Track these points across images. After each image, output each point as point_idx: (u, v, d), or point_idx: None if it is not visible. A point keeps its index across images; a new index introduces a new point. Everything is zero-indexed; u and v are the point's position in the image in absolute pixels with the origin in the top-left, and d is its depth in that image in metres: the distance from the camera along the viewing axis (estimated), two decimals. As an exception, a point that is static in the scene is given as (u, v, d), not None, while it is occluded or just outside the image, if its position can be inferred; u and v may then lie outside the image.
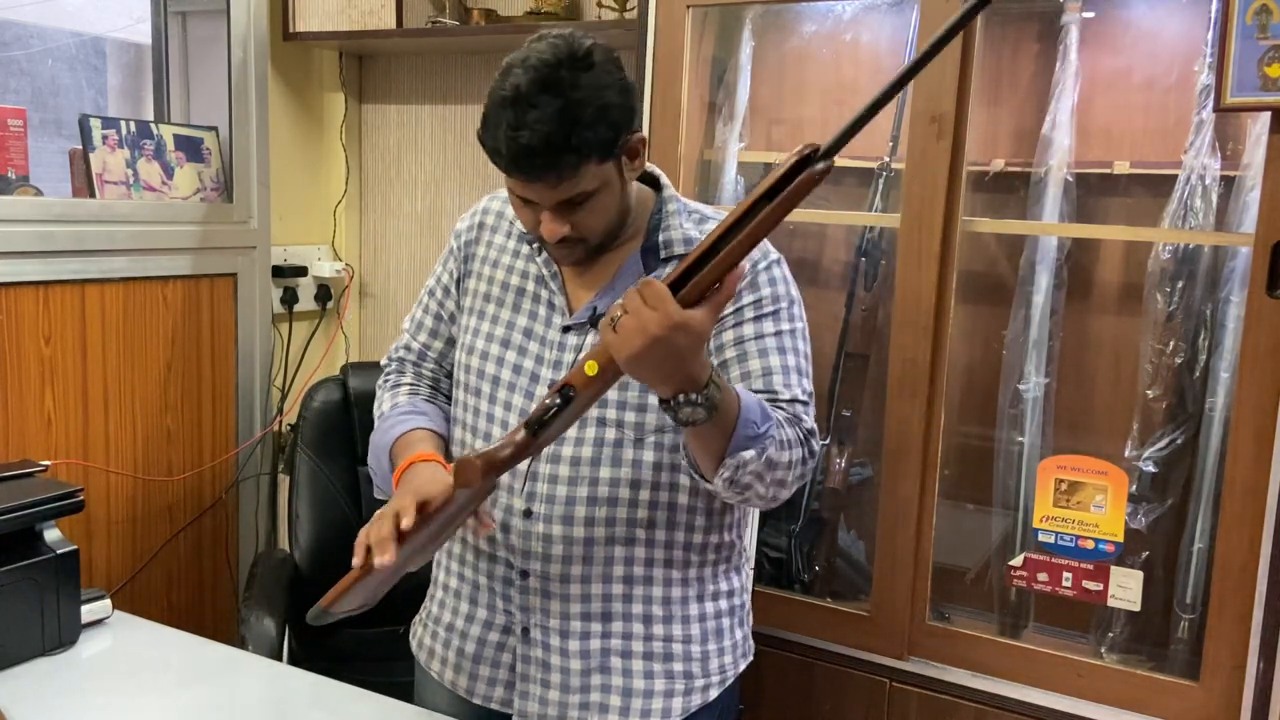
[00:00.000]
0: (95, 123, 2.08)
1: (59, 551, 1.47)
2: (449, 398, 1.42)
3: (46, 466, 1.62)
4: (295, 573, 2.03)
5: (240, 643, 1.73)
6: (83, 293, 1.98)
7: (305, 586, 2.02)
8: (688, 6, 2.00)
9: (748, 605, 1.43)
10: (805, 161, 0.95)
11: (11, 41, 2.24)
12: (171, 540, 2.21)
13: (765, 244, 1.28)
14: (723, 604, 1.37)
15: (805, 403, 1.24)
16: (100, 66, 2.44)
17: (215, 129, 2.32)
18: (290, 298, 2.52)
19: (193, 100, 2.50)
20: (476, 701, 1.37)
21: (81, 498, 1.53)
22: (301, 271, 2.55)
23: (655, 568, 1.31)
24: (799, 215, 2.28)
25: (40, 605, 1.44)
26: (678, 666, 1.32)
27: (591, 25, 2.22)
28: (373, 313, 2.75)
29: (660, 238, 1.30)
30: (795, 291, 1.31)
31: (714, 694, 1.35)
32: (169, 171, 2.21)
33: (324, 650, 2.05)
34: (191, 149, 2.26)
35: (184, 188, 2.24)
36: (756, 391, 1.21)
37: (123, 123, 2.14)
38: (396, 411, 1.38)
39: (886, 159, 2.18)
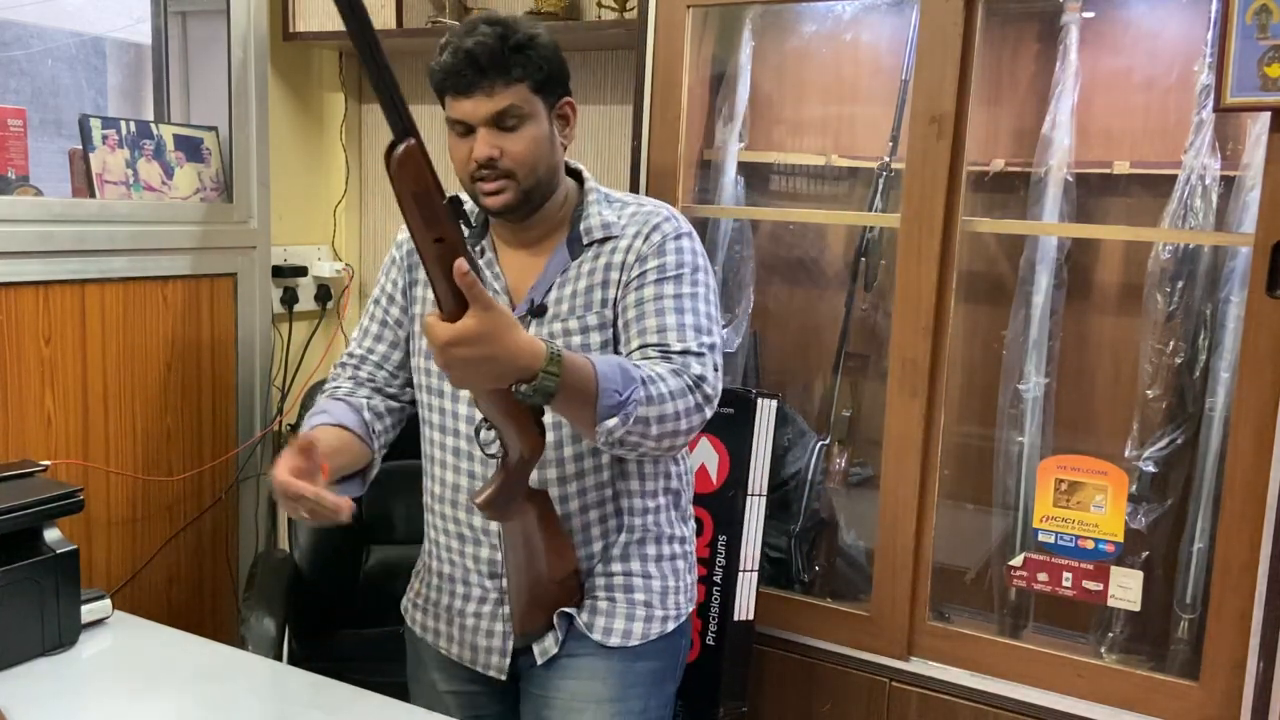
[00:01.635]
0: (95, 123, 2.08)
1: (59, 551, 1.47)
2: (392, 396, 1.51)
3: (46, 466, 1.62)
4: (295, 573, 2.03)
5: (240, 643, 1.73)
6: (83, 293, 1.98)
7: (305, 587, 2.02)
8: (688, 6, 2.00)
9: (694, 554, 1.54)
10: (391, 151, 1.08)
11: (11, 41, 2.24)
12: (171, 540, 2.20)
13: (677, 219, 1.40)
14: (675, 548, 1.48)
15: (699, 354, 1.31)
16: (100, 66, 2.44)
17: (215, 129, 2.32)
18: (290, 298, 2.52)
19: (193, 100, 2.50)
20: (477, 669, 1.46)
21: (81, 498, 1.53)
22: (301, 271, 2.54)
23: (623, 516, 1.43)
24: (799, 215, 2.30)
25: (40, 605, 1.44)
26: (639, 596, 1.42)
27: (591, 25, 2.22)
28: (373, 313, 2.74)
29: (581, 226, 1.40)
30: (703, 261, 1.40)
31: (670, 626, 1.45)
32: (169, 171, 2.21)
33: (324, 650, 2.05)
34: (191, 149, 2.26)
35: (184, 188, 2.23)
36: (650, 345, 1.31)
37: (123, 123, 2.14)
38: (310, 415, 1.48)
39: (886, 159, 2.18)
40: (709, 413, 1.30)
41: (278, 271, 2.47)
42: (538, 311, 1.37)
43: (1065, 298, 2.07)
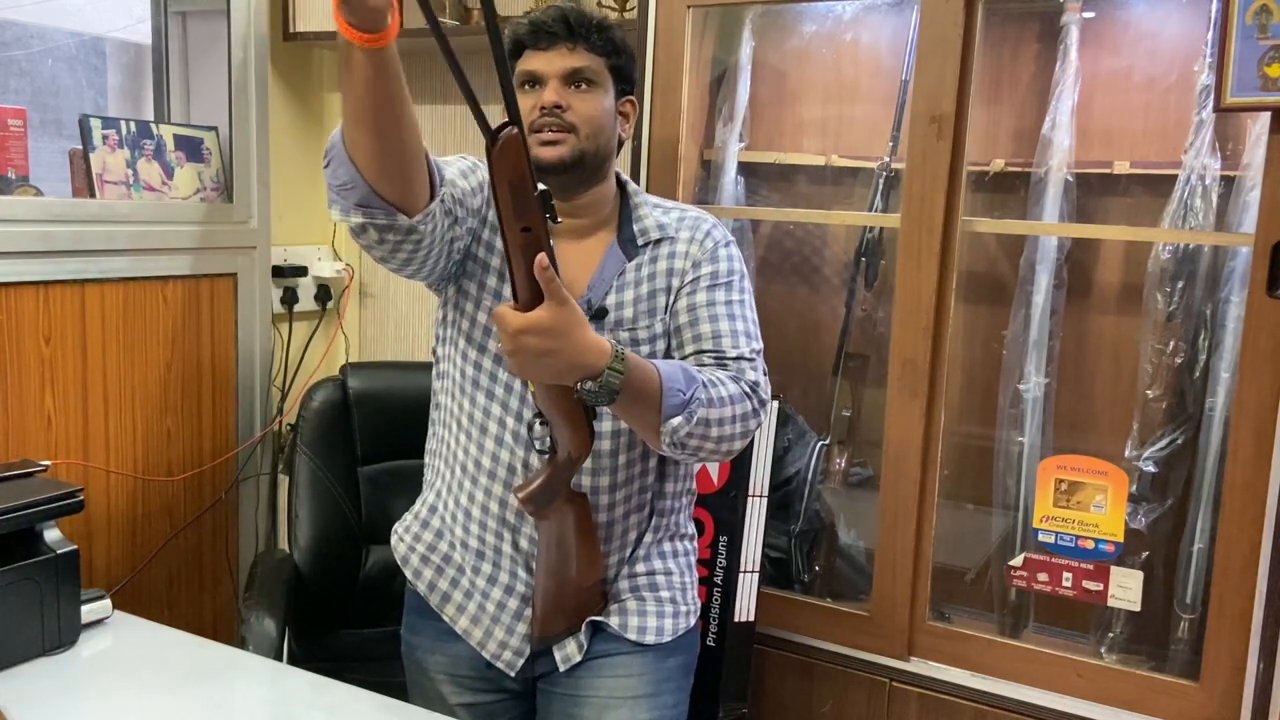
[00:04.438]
0: (95, 123, 2.08)
1: (59, 551, 1.47)
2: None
3: (46, 466, 1.62)
4: (295, 573, 2.03)
5: (240, 643, 1.73)
6: (83, 293, 1.98)
7: (305, 586, 2.02)
8: (688, 6, 2.00)
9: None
10: (495, 136, 1.06)
11: (11, 41, 2.23)
12: (171, 540, 2.20)
13: (722, 227, 1.43)
14: (687, 544, 1.52)
15: (751, 360, 1.34)
16: (100, 66, 2.44)
17: (215, 129, 2.32)
18: (290, 298, 2.52)
19: (193, 100, 2.49)
20: (486, 656, 1.44)
21: (81, 498, 1.53)
22: (301, 271, 2.54)
23: (653, 518, 1.46)
24: (799, 215, 2.30)
25: (40, 605, 1.44)
26: (664, 594, 1.44)
27: (591, 25, 2.22)
28: (373, 313, 2.75)
29: (635, 227, 1.41)
30: (744, 269, 1.44)
31: (692, 621, 1.48)
32: (169, 171, 2.21)
33: (324, 650, 2.05)
34: (191, 149, 2.26)
35: (184, 188, 2.23)
36: (705, 351, 1.33)
37: (123, 123, 2.13)
38: None
39: (887, 159, 2.18)
40: (763, 417, 1.32)
41: (278, 271, 2.47)
42: (597, 314, 1.37)
43: (1065, 298, 2.07)
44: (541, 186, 1.10)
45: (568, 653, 1.40)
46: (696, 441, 1.24)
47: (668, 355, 1.38)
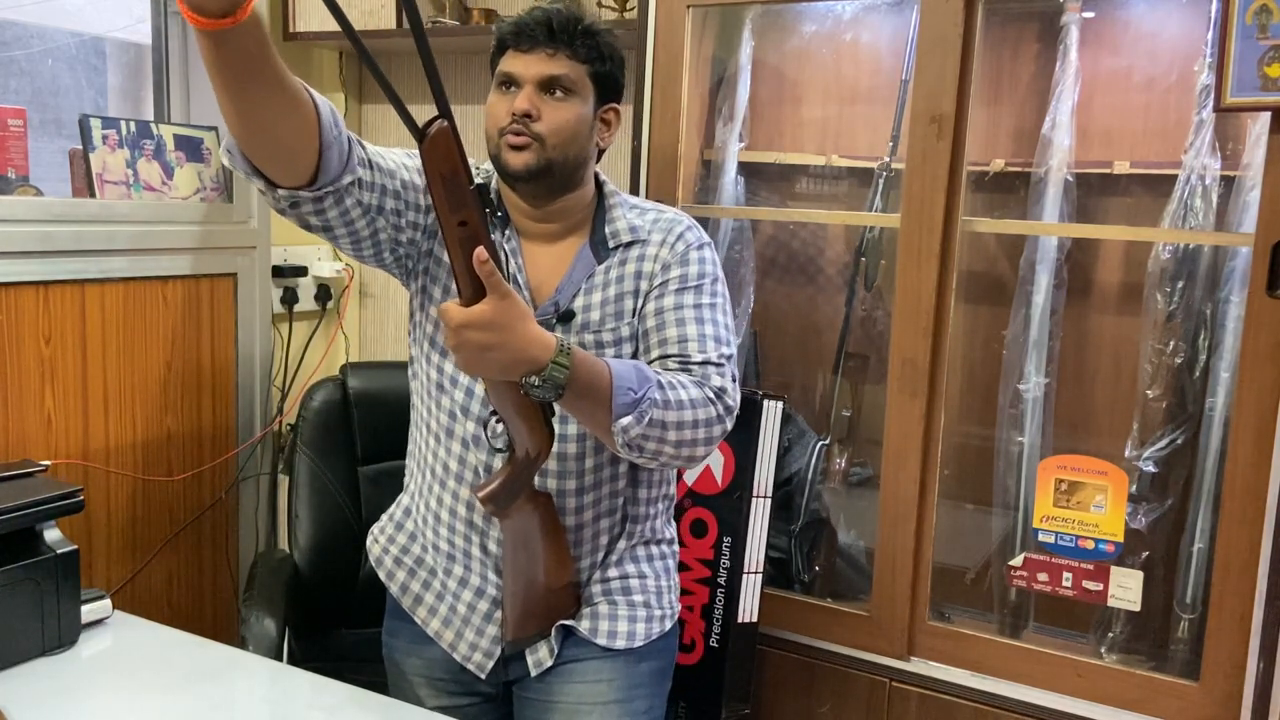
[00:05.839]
0: (95, 123, 2.08)
1: (59, 551, 1.47)
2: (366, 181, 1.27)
3: (46, 466, 1.63)
4: (295, 573, 2.03)
5: (240, 643, 1.73)
6: (83, 293, 1.98)
7: (305, 586, 2.02)
8: (688, 6, 2.00)
9: (678, 555, 1.55)
10: (424, 132, 1.05)
11: (11, 41, 2.23)
12: (171, 540, 2.20)
13: (698, 229, 1.41)
14: (665, 548, 1.50)
15: (719, 365, 1.30)
16: (100, 66, 2.44)
17: (215, 129, 2.32)
18: (290, 298, 2.52)
19: (193, 100, 2.49)
20: (457, 658, 1.44)
21: (81, 498, 1.53)
22: (301, 271, 2.54)
23: (626, 523, 1.43)
24: (799, 215, 2.30)
25: (40, 605, 1.44)
26: (637, 598, 1.43)
27: (591, 25, 2.22)
28: (373, 313, 2.75)
29: (607, 229, 1.39)
30: (720, 273, 1.41)
31: (668, 625, 1.47)
32: (169, 171, 2.21)
33: (324, 650, 2.05)
34: (191, 149, 2.26)
35: (184, 188, 2.23)
36: (670, 356, 1.31)
37: (123, 123, 2.13)
38: None
39: (887, 159, 2.18)
40: (730, 424, 1.29)
41: (278, 271, 2.47)
42: (564, 317, 1.35)
43: (1065, 298, 2.07)
44: (478, 180, 1.09)
45: (539, 657, 1.40)
46: (654, 445, 1.21)
47: (634, 359, 1.36)
